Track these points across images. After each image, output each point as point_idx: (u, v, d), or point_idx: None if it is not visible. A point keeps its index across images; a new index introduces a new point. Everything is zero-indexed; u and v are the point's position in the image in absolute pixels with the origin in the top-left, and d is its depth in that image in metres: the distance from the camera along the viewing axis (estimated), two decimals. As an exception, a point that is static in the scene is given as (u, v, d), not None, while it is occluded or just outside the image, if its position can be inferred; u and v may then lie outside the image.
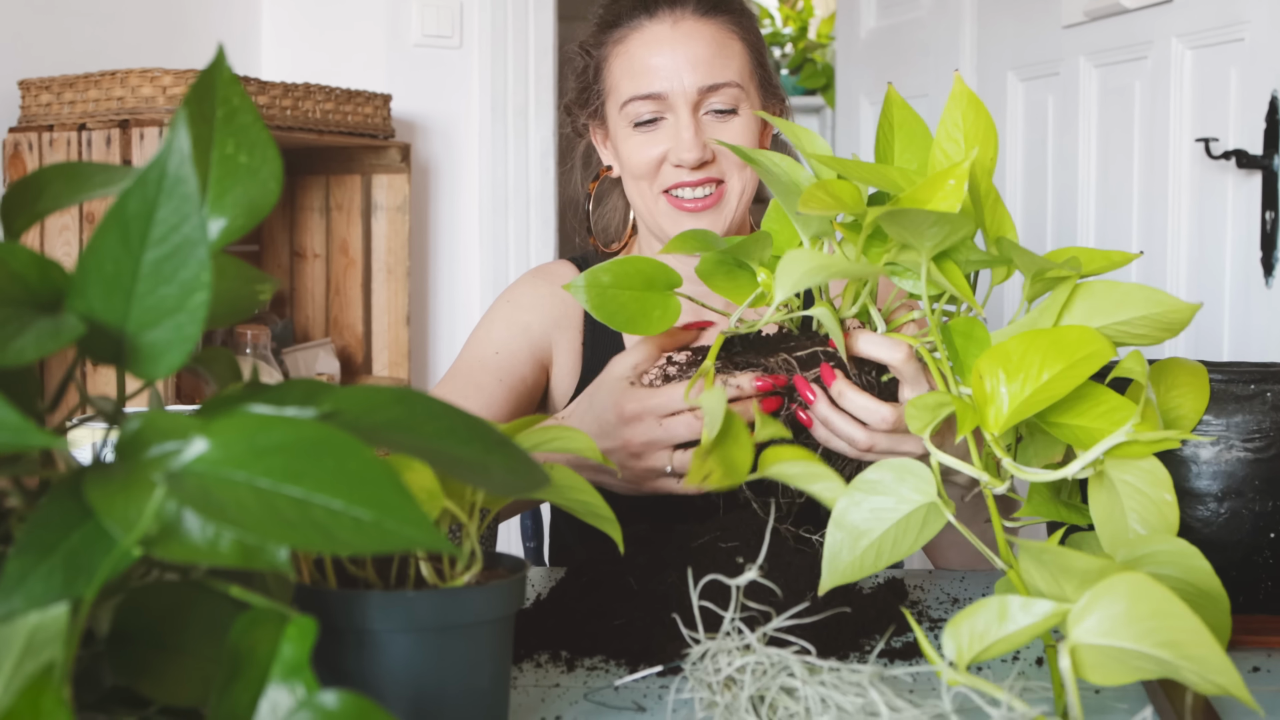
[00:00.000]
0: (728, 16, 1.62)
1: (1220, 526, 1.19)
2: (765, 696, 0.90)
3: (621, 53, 1.62)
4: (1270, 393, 1.19)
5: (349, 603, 0.85)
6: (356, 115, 2.89)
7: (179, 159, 0.67)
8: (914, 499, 1.01)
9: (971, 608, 0.89)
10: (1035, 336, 1.02)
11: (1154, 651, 0.83)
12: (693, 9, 1.60)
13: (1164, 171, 2.65)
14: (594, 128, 1.71)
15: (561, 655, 1.12)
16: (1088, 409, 1.04)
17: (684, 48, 1.58)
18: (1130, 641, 0.84)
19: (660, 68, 1.58)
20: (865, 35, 3.78)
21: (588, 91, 1.68)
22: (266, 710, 0.65)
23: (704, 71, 1.58)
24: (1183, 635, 0.82)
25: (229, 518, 0.61)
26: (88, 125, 2.51)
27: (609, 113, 1.65)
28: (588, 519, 1.02)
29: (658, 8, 1.60)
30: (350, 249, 3.08)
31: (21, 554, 0.64)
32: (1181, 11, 2.59)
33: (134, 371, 0.70)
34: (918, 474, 1.02)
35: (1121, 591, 0.84)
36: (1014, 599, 0.87)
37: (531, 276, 1.76)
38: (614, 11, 1.64)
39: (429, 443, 0.71)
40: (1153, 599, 0.83)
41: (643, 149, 1.60)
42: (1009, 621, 0.87)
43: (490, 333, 1.68)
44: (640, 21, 1.61)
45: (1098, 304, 1.09)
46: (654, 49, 1.59)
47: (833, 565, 1.01)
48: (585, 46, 1.68)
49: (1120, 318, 1.08)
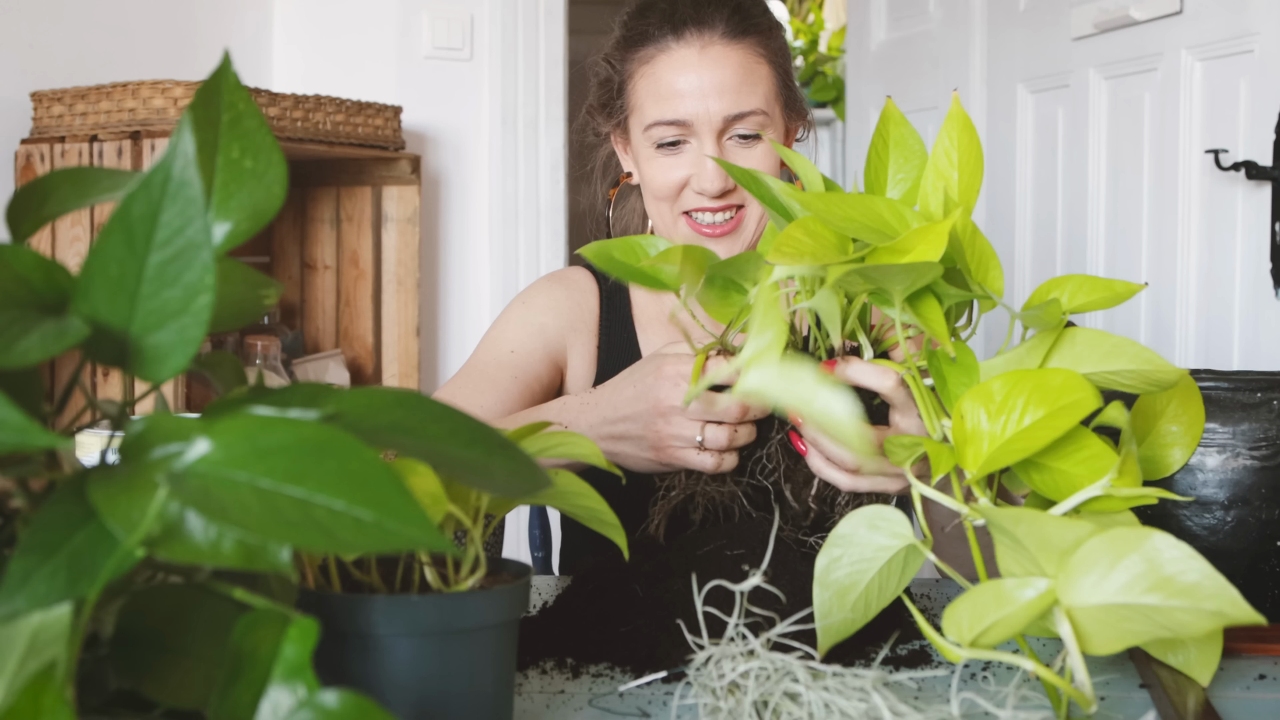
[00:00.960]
0: (756, 37, 1.59)
1: (1227, 535, 1.19)
2: (769, 702, 0.90)
3: (647, 73, 1.60)
4: (1277, 401, 1.19)
5: (353, 607, 0.85)
6: (367, 127, 2.90)
7: (183, 162, 0.68)
8: (891, 545, 1.02)
9: (967, 593, 0.89)
10: (1020, 377, 1.01)
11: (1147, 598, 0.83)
12: (721, 33, 1.57)
13: (1173, 183, 2.64)
14: (615, 136, 1.71)
15: (567, 662, 1.12)
16: (1069, 452, 1.02)
17: (711, 74, 1.56)
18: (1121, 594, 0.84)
19: (686, 93, 1.56)
20: (875, 48, 3.79)
21: (612, 104, 1.67)
22: (268, 710, 0.65)
23: (730, 100, 1.56)
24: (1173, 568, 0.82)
25: (230, 518, 0.61)
26: (99, 136, 2.52)
27: (632, 128, 1.64)
28: (592, 525, 1.02)
29: (685, 29, 1.57)
30: (360, 260, 3.08)
31: (25, 554, 0.65)
32: (1191, 23, 2.59)
33: (138, 374, 0.70)
34: (889, 519, 1.03)
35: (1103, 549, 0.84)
36: (1008, 580, 0.88)
37: (547, 280, 1.76)
38: (640, 29, 1.61)
39: (432, 445, 0.71)
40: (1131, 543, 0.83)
41: (665, 172, 1.59)
42: (1007, 603, 0.87)
43: (505, 332, 1.68)
44: (667, 43, 1.58)
45: (1087, 351, 1.06)
46: (680, 74, 1.57)
47: (826, 625, 1.03)
48: (609, 59, 1.66)
49: (1110, 368, 1.06)
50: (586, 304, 1.72)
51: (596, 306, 1.72)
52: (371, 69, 3.20)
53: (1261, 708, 1.02)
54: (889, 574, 1.03)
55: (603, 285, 1.74)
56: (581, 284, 1.74)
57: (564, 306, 1.70)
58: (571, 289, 1.72)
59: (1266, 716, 1.01)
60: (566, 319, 1.70)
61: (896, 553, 1.02)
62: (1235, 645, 1.15)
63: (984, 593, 0.89)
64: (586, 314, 1.71)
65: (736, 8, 1.59)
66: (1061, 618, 0.88)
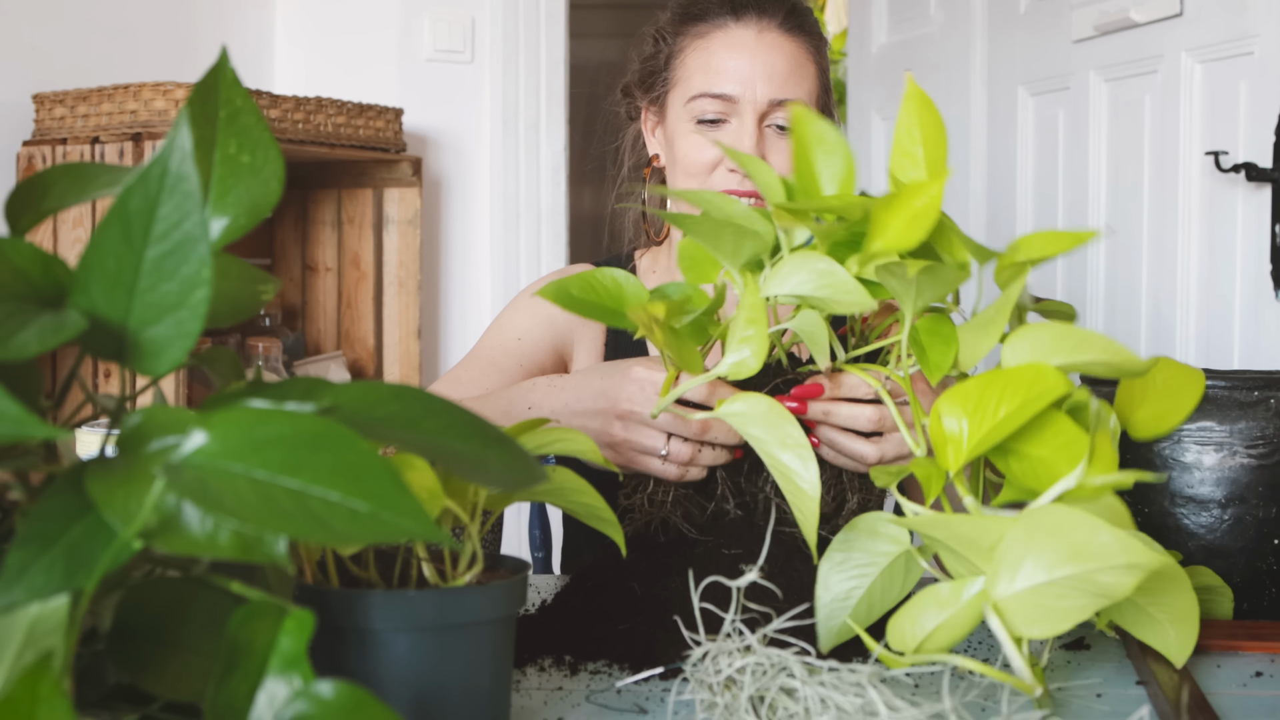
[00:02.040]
0: (807, 39, 1.64)
1: (1224, 533, 1.19)
2: (765, 697, 0.90)
3: (701, 47, 1.63)
4: (1274, 399, 1.19)
5: (351, 602, 0.86)
6: (368, 129, 2.91)
7: (180, 156, 0.68)
8: (889, 550, 1.04)
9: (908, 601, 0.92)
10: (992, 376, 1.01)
11: (1065, 571, 0.84)
12: (779, 22, 1.62)
13: (1174, 185, 2.65)
14: (648, 113, 1.72)
15: (565, 659, 1.12)
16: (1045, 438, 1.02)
17: (764, 57, 1.60)
18: (1043, 574, 0.85)
19: (737, 71, 1.60)
20: (876, 51, 3.79)
21: (654, 77, 1.69)
22: (264, 702, 0.65)
23: (779, 85, 1.59)
24: (1079, 536, 0.83)
25: (226, 509, 0.61)
26: (101, 138, 2.52)
27: (671, 102, 1.66)
28: (589, 521, 1.02)
29: (745, 12, 1.62)
30: (362, 262, 3.09)
31: (22, 546, 0.65)
32: (1191, 26, 2.59)
33: (136, 367, 0.71)
34: (888, 527, 1.05)
35: (1019, 536, 0.86)
36: (941, 585, 0.90)
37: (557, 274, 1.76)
38: (700, 6, 1.65)
39: (428, 438, 0.72)
40: (1044, 523, 0.85)
41: (702, 149, 1.61)
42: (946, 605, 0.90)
43: (514, 319, 1.68)
44: (725, 21, 1.62)
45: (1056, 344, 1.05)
46: (735, 51, 1.61)
47: (828, 627, 1.04)
48: (661, 31, 1.69)
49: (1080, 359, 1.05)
50: None
51: None
52: (373, 71, 3.21)
53: (1258, 705, 1.03)
54: (890, 579, 1.04)
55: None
56: None
57: None
58: None
59: (1263, 713, 1.01)
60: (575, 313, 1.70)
61: (895, 558, 1.04)
62: (1233, 643, 1.15)
63: (924, 598, 0.92)
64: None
65: (794, 8, 1.64)
66: (990, 611, 0.89)
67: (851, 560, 1.04)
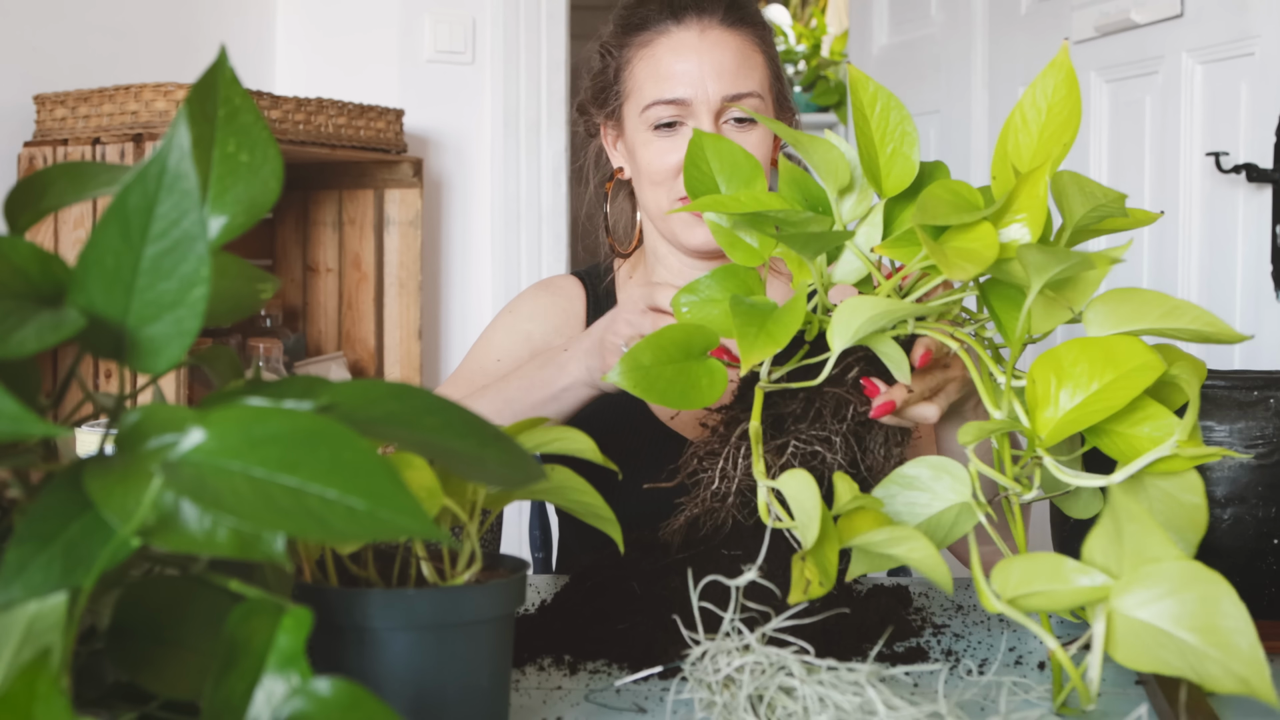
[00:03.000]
0: (751, 29, 1.64)
1: (1224, 533, 1.19)
2: (764, 696, 0.90)
3: (647, 55, 1.63)
4: (1273, 399, 1.19)
5: (349, 600, 0.86)
6: (369, 130, 2.91)
7: (179, 155, 0.68)
8: (949, 497, 1.04)
9: (1025, 556, 0.90)
10: (1086, 345, 1.01)
11: (1185, 635, 0.83)
12: (720, 19, 1.62)
13: (1175, 185, 2.65)
14: (606, 129, 1.72)
15: (565, 659, 1.13)
16: (1134, 418, 1.03)
17: (710, 55, 1.60)
18: (1166, 622, 0.84)
19: (686, 74, 1.60)
20: (878, 52, 3.79)
21: (606, 91, 1.69)
22: (262, 699, 0.65)
23: (729, 80, 1.59)
24: (1222, 621, 0.82)
25: (224, 506, 0.61)
26: (102, 139, 2.52)
27: (627, 114, 1.66)
28: (588, 519, 1.02)
29: (685, 14, 1.62)
30: (362, 263, 3.09)
31: (21, 544, 0.65)
32: (1192, 26, 2.59)
33: (134, 366, 0.71)
34: (954, 473, 1.04)
35: (1171, 574, 0.85)
36: (1070, 561, 0.88)
37: (534, 289, 1.77)
38: (640, 15, 1.65)
39: (426, 436, 0.72)
40: (1202, 583, 0.84)
41: (662, 155, 1.61)
42: (1060, 580, 0.88)
43: (492, 341, 1.69)
44: (667, 27, 1.62)
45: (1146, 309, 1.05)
46: (680, 55, 1.60)
47: (863, 552, 1.02)
48: (607, 46, 1.69)
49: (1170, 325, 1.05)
50: (573, 310, 1.73)
51: (584, 312, 1.73)
52: (374, 72, 3.21)
53: (1257, 704, 1.02)
54: (938, 524, 1.04)
55: (590, 291, 1.75)
56: (569, 290, 1.75)
57: (550, 313, 1.71)
58: (558, 295, 1.74)
59: (1261, 713, 1.01)
60: (553, 324, 1.71)
61: (951, 506, 1.03)
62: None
63: (1042, 562, 0.89)
64: (573, 319, 1.72)
65: (733, 1, 1.63)
66: (1100, 615, 0.88)
67: (906, 496, 1.04)
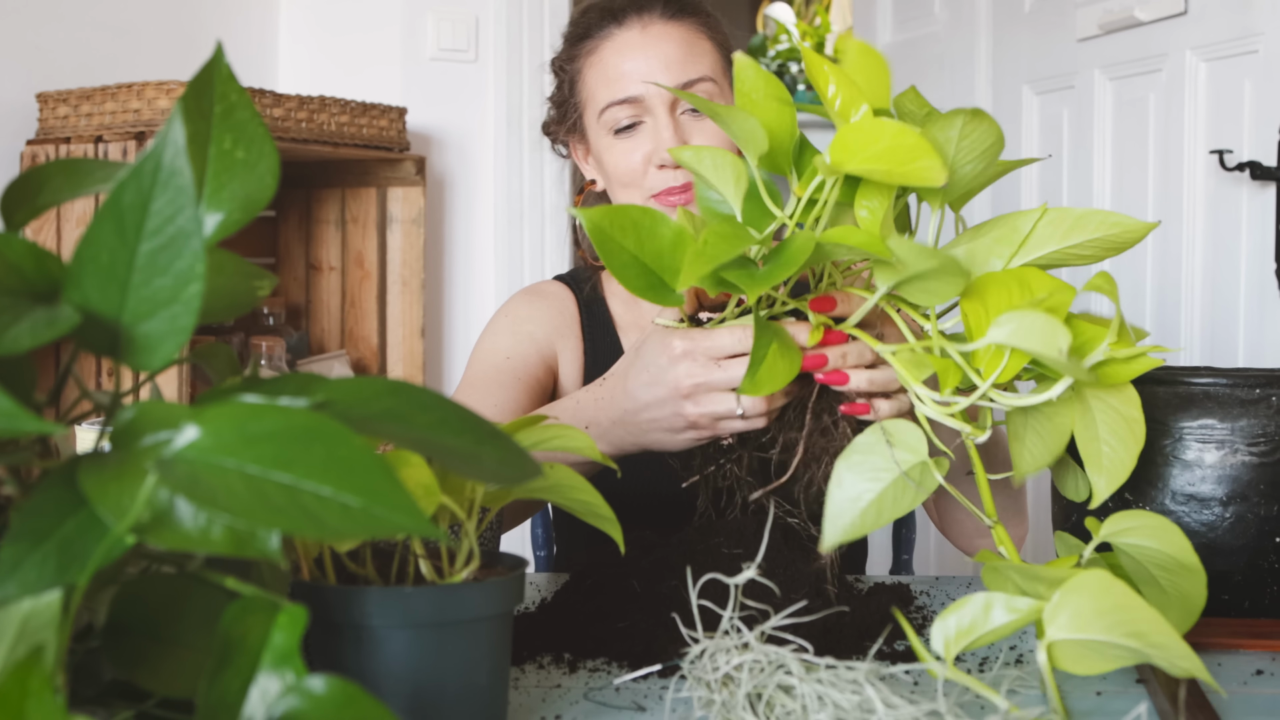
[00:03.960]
0: (694, 18, 1.64)
1: (1225, 531, 1.19)
2: (762, 694, 0.90)
3: (595, 62, 1.64)
4: (1275, 397, 1.19)
5: (347, 598, 0.85)
6: (372, 128, 2.90)
7: (174, 151, 0.68)
8: (906, 459, 1.06)
9: (958, 603, 0.93)
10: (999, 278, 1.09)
11: (1123, 641, 0.88)
12: (659, 13, 1.62)
13: (1178, 183, 2.64)
14: (574, 144, 1.73)
15: (564, 657, 1.12)
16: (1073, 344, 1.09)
17: (655, 50, 1.60)
18: (1100, 634, 0.89)
19: (634, 72, 1.60)
20: (881, 49, 3.79)
21: (565, 107, 1.70)
22: (257, 697, 0.65)
23: (677, 70, 1.59)
24: (1145, 626, 0.87)
25: (218, 504, 0.61)
26: (104, 137, 2.52)
27: (588, 124, 1.67)
28: (588, 519, 1.02)
29: (625, 15, 1.62)
30: (365, 261, 3.09)
31: (15, 541, 0.65)
32: (1196, 24, 2.59)
33: (129, 363, 0.71)
34: (907, 434, 1.06)
35: (1088, 588, 0.89)
36: (998, 596, 0.92)
37: (524, 294, 1.77)
38: (582, 25, 1.66)
39: (422, 433, 0.72)
40: (1114, 594, 0.88)
41: (626, 155, 1.61)
42: (992, 618, 0.92)
43: (497, 343, 1.69)
44: (610, 30, 1.63)
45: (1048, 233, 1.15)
46: (626, 54, 1.61)
47: (835, 523, 1.04)
48: (559, 63, 1.70)
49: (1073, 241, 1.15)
50: (567, 311, 1.73)
51: (576, 313, 1.73)
52: (376, 70, 3.21)
53: (1259, 703, 1.02)
54: (902, 488, 1.06)
55: (578, 294, 1.75)
56: (558, 294, 1.75)
57: (547, 315, 1.72)
58: (550, 299, 1.74)
59: (1263, 711, 1.01)
60: (552, 325, 1.71)
61: (911, 467, 1.05)
62: (1233, 641, 1.15)
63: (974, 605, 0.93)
64: (569, 320, 1.72)
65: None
66: (1040, 649, 0.92)
67: (869, 463, 1.05)
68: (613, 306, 1.75)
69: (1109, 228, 1.14)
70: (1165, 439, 1.21)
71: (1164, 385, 1.22)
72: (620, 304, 1.74)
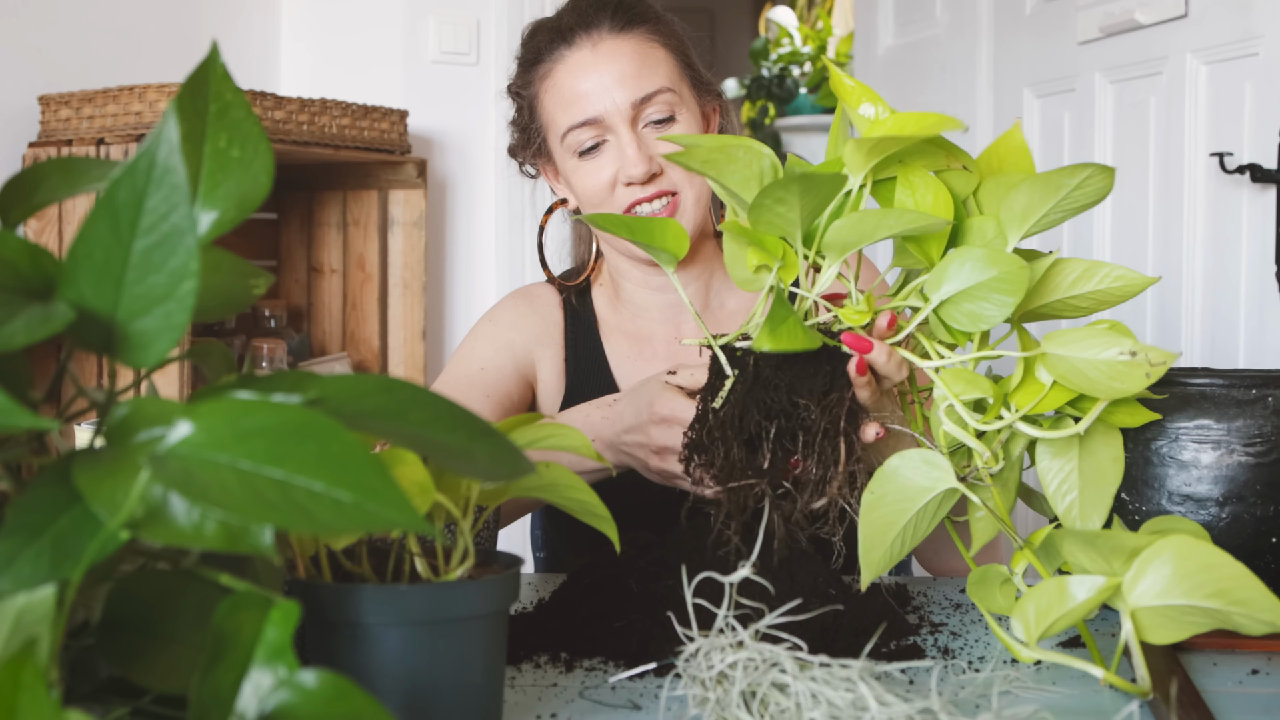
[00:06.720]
0: (644, 27, 1.62)
1: (1222, 531, 1.19)
2: (757, 692, 0.90)
3: (550, 86, 1.63)
4: (1271, 397, 1.19)
5: (343, 596, 0.86)
6: (373, 130, 2.91)
7: (168, 149, 0.68)
8: (932, 488, 1.09)
9: (1033, 590, 0.98)
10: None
11: (1205, 603, 0.92)
12: (608, 28, 1.61)
13: (1179, 186, 2.64)
14: (542, 166, 1.72)
15: (561, 656, 1.13)
16: None
17: (608, 67, 1.59)
18: (1182, 598, 0.93)
19: (590, 92, 1.59)
20: (883, 53, 3.79)
21: (527, 132, 1.69)
22: (249, 691, 0.65)
23: (633, 85, 1.58)
24: (1229, 583, 0.91)
25: (211, 499, 0.62)
26: (106, 139, 2.53)
27: (552, 148, 1.66)
28: (585, 518, 1.02)
29: (574, 34, 1.61)
30: (367, 264, 3.09)
31: (10, 536, 0.65)
32: (1196, 27, 2.59)
33: (124, 360, 0.71)
34: (933, 462, 1.09)
35: (1168, 554, 0.93)
36: (1071, 578, 0.97)
37: (513, 297, 1.77)
38: (533, 49, 1.65)
39: (414, 430, 0.72)
40: (1198, 555, 0.93)
41: (592, 176, 1.61)
42: (1069, 599, 0.96)
43: (474, 350, 1.69)
44: (560, 52, 1.62)
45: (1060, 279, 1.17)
46: (579, 75, 1.60)
47: (868, 560, 1.10)
48: (515, 88, 1.69)
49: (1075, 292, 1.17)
50: (551, 317, 1.73)
51: (561, 319, 1.73)
52: (378, 73, 3.21)
53: (1254, 702, 1.02)
54: (924, 514, 1.10)
55: (566, 298, 1.75)
56: (546, 298, 1.75)
57: (529, 321, 1.72)
58: (536, 303, 1.74)
59: (1258, 711, 1.01)
60: (533, 333, 1.71)
61: (935, 495, 1.09)
62: (1229, 640, 1.15)
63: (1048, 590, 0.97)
64: (552, 327, 1.72)
65: (619, 6, 1.62)
66: (1125, 617, 0.96)
67: (892, 495, 1.09)
68: (598, 309, 1.74)
69: (1112, 280, 1.15)
70: (1162, 439, 1.21)
71: (1161, 386, 1.22)
72: (606, 307, 1.74)
